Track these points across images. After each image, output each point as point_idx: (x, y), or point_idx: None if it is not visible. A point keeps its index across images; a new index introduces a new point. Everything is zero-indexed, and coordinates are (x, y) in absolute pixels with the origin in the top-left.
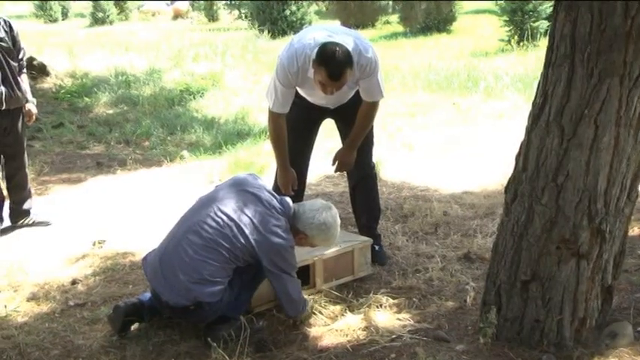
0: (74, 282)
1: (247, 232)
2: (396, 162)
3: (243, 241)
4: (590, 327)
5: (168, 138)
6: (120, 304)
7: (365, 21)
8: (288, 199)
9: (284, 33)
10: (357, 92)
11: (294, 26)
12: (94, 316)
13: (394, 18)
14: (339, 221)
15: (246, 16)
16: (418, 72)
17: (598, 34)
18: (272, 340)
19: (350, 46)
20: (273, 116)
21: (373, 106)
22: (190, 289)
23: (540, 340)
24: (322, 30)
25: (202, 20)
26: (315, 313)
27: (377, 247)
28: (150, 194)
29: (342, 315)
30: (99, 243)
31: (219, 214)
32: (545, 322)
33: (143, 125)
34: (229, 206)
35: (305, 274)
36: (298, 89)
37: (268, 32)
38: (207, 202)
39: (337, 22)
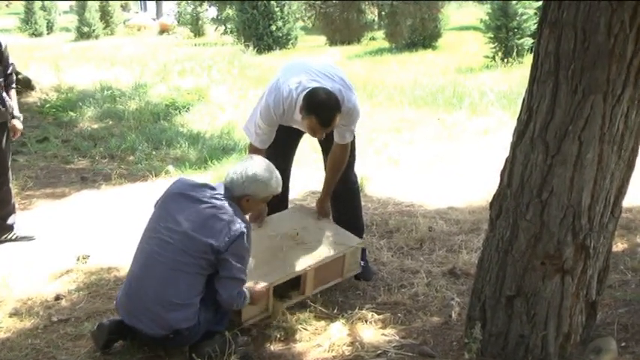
0: (58, 297)
1: (200, 236)
2: (382, 177)
3: (200, 247)
4: (574, 342)
5: (154, 153)
6: (104, 322)
7: (351, 37)
8: (218, 183)
9: (270, 48)
10: None
11: (280, 42)
12: (77, 331)
13: (380, 34)
14: (266, 163)
15: (232, 32)
16: (404, 88)
17: (582, 52)
18: (257, 355)
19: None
20: (254, 150)
21: (344, 149)
22: (164, 319)
23: (525, 355)
24: (308, 72)
25: (188, 35)
26: (300, 329)
27: (362, 263)
28: (135, 209)
29: (328, 330)
30: (83, 258)
31: (167, 232)
32: (529, 337)
33: (128, 140)
34: (174, 220)
35: (295, 280)
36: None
37: (254, 47)
38: (153, 225)
39: (323, 38)
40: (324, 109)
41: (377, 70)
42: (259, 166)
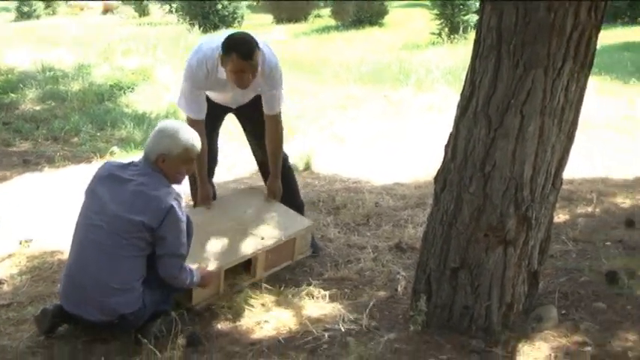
0: (0, 282)
1: (130, 215)
2: (328, 154)
3: (132, 227)
4: (517, 311)
5: (98, 134)
6: (47, 307)
7: (297, 15)
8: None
9: (215, 27)
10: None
11: (226, 21)
12: (20, 316)
13: (326, 12)
14: (177, 122)
15: (177, 11)
16: (350, 65)
17: (523, 27)
18: (204, 334)
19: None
20: (192, 123)
21: (276, 121)
22: (106, 305)
23: (469, 325)
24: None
25: (133, 15)
26: (247, 307)
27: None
28: (79, 191)
29: (274, 307)
30: (25, 242)
31: (98, 217)
32: (473, 308)
33: (72, 121)
34: (103, 204)
35: (245, 263)
36: (208, 93)
37: (200, 27)
38: (84, 212)
39: (270, 17)
40: (243, 44)
41: (323, 47)
42: (167, 122)
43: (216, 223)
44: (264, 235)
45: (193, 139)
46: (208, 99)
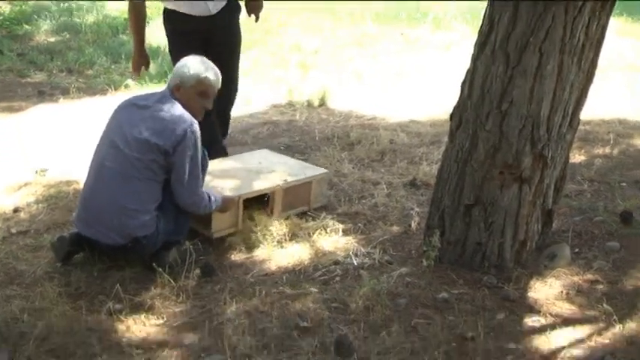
0: (16, 210)
1: (146, 137)
2: (344, 91)
3: (147, 149)
4: (530, 249)
5: (112, 67)
6: (64, 234)
7: None
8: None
9: None
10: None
11: None
12: (37, 243)
13: None
14: (199, 57)
15: None
16: (366, 3)
17: None
18: (218, 264)
19: None
20: (132, 5)
21: None
22: (120, 226)
23: (482, 262)
24: None
25: None
26: (261, 239)
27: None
28: (94, 123)
29: (289, 240)
30: (41, 171)
31: (117, 140)
32: (486, 244)
33: (86, 53)
34: (122, 128)
35: (263, 200)
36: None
37: None
38: (104, 135)
39: None
40: None
41: None
42: (189, 56)
43: (232, 171)
44: (281, 176)
45: (207, 71)
46: (184, 26)
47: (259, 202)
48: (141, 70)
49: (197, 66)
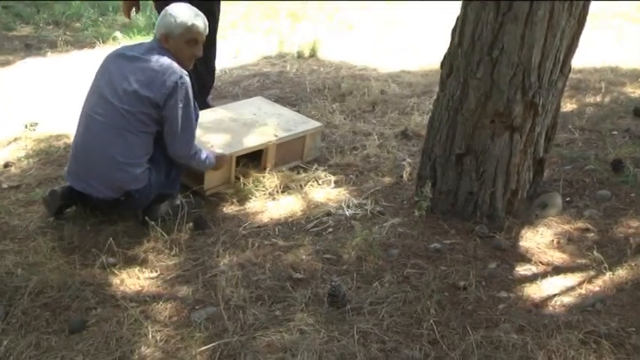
0: (7, 165)
1: (136, 89)
2: (335, 42)
3: (138, 101)
4: (521, 198)
5: (100, 19)
6: (56, 188)
7: None
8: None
9: None
10: None
11: None
12: (29, 197)
13: None
14: (176, 3)
15: None
16: None
17: None
18: (210, 217)
19: None
20: None
21: None
22: (112, 179)
23: (474, 211)
24: None
25: None
26: (253, 191)
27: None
28: (82, 76)
29: (281, 193)
30: (31, 125)
31: (106, 91)
32: (478, 194)
33: (73, 6)
34: (111, 80)
35: (256, 155)
36: None
37: None
38: (93, 87)
39: None
40: None
41: None
42: (174, 4)
43: (226, 122)
44: (275, 131)
45: (194, 18)
46: None
47: (252, 157)
48: (132, 13)
49: (183, 13)
